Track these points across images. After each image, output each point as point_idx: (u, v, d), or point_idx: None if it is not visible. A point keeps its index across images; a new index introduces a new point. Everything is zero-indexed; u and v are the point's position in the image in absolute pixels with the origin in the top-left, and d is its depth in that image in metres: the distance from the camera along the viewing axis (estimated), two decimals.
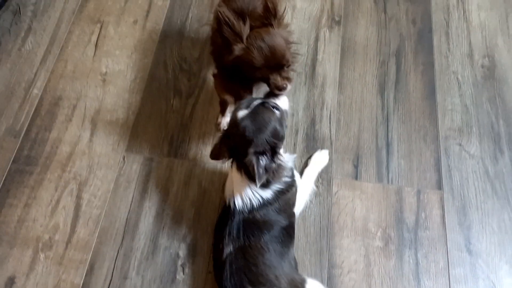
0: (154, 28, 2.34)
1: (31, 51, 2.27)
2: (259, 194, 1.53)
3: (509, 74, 2.19)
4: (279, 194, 1.56)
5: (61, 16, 2.37)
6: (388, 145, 2.02)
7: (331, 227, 1.85)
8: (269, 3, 1.51)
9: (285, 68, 1.53)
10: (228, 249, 1.53)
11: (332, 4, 2.40)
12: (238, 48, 1.48)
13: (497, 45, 2.28)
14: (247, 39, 1.48)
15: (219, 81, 1.75)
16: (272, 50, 1.48)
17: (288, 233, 1.61)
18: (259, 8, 1.62)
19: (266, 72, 1.51)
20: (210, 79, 2.12)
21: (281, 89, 1.53)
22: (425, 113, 2.10)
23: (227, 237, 1.55)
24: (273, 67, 1.51)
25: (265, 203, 1.54)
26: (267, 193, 1.54)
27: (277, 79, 1.52)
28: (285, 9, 1.60)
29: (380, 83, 2.18)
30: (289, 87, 1.54)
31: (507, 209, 1.88)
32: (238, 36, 1.47)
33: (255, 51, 1.47)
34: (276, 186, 1.55)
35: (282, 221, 1.59)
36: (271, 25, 1.53)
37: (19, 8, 2.40)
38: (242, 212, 1.55)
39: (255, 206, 1.53)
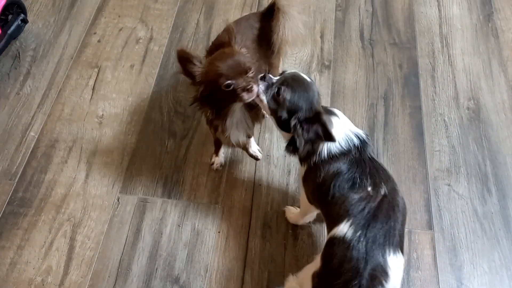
0: (150, 72, 2.41)
1: (29, 94, 2.33)
2: None
3: (494, 116, 2.26)
4: None
5: (59, 61, 2.45)
6: None
7: None
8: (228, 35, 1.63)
9: (249, 74, 1.54)
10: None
11: (321, 49, 2.50)
12: (200, 70, 1.54)
13: (481, 88, 2.36)
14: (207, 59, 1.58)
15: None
16: (232, 58, 1.54)
17: None
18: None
19: (232, 79, 1.51)
20: (204, 121, 2.18)
21: (249, 89, 1.52)
22: (413, 154, 2.15)
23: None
24: (237, 73, 1.52)
25: None
26: None
27: (241, 82, 1.51)
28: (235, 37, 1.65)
29: (370, 125, 2.23)
30: (255, 88, 1.53)
31: (497, 249, 1.90)
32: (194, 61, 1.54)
33: (216, 64, 1.53)
34: None
35: None
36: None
37: (19, 53, 2.47)
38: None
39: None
